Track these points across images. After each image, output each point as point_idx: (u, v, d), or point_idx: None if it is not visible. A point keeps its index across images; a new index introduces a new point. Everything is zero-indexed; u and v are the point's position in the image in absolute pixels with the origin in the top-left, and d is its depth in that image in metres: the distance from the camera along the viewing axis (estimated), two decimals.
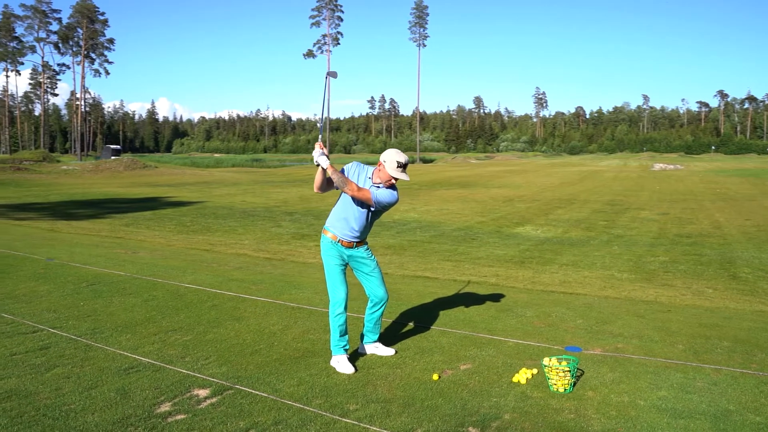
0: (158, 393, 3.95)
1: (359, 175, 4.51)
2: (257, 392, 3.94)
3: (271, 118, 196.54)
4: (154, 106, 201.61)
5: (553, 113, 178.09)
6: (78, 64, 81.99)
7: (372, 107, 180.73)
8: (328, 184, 4.51)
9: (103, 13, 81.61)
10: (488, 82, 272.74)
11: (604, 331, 5.36)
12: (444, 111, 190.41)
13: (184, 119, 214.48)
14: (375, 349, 4.79)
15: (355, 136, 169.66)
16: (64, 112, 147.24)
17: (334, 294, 4.48)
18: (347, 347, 4.55)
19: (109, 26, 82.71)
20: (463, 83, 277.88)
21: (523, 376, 4.16)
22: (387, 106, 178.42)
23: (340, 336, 4.49)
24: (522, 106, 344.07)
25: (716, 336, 5.23)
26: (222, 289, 6.99)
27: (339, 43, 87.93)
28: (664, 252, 12.10)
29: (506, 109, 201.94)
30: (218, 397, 3.89)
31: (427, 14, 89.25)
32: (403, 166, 4.41)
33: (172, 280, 7.50)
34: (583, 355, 4.67)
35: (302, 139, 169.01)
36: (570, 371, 3.98)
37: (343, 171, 4.48)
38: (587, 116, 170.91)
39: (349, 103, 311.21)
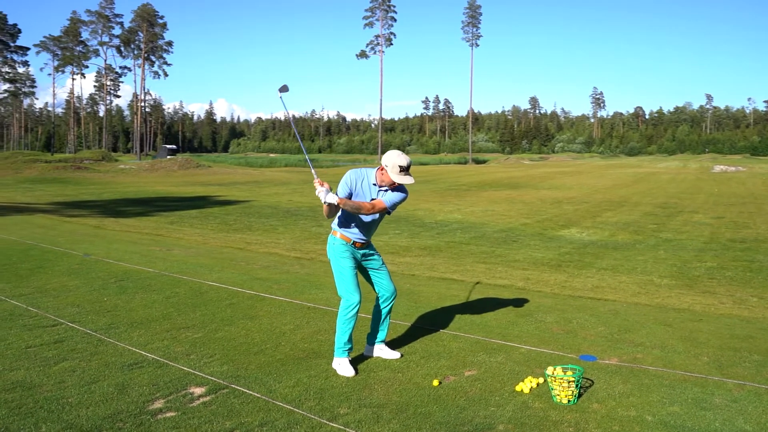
0: (155, 389, 3.97)
1: (363, 184, 4.38)
2: (251, 392, 3.91)
3: (325, 118, 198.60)
4: (212, 107, 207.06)
5: (611, 113, 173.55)
6: (139, 67, 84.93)
7: (426, 108, 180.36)
8: (337, 209, 4.40)
9: (162, 17, 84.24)
10: (544, 82, 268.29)
11: (625, 340, 5.10)
12: (499, 111, 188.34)
13: (241, 120, 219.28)
14: (380, 351, 4.69)
15: (409, 137, 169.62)
16: (126, 113, 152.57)
17: (350, 296, 4.37)
18: (351, 349, 4.46)
19: (167, 29, 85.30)
20: (519, 83, 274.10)
21: (527, 385, 3.99)
22: (441, 106, 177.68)
23: (348, 339, 4.41)
24: (579, 106, 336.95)
25: (747, 348, 4.90)
26: (243, 288, 7.02)
27: (392, 44, 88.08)
28: (712, 257, 11.53)
29: (562, 109, 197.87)
30: (212, 395, 3.87)
31: (480, 14, 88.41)
32: (405, 169, 4.27)
33: (197, 277, 7.59)
34: (597, 365, 4.45)
35: (356, 140, 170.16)
36: (575, 381, 3.78)
37: (348, 183, 4.33)
38: (647, 116, 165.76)
39: (404, 104, 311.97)
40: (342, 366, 4.33)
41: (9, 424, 3.46)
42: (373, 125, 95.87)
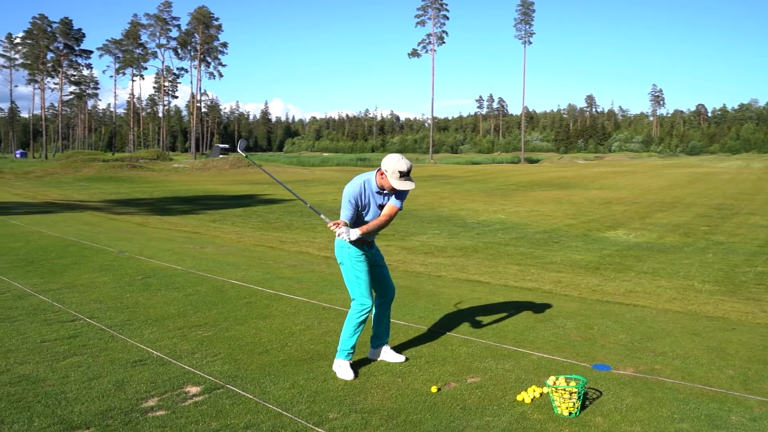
0: (152, 387, 3.98)
1: (366, 195, 4.26)
2: (244, 393, 3.87)
3: (379, 117, 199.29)
4: (267, 107, 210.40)
5: (670, 111, 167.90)
6: (195, 68, 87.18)
7: (480, 106, 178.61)
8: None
9: (217, 19, 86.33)
10: (601, 80, 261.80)
11: (646, 349, 4.83)
12: (554, 110, 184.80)
13: (296, 119, 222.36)
14: (385, 354, 4.59)
15: (462, 136, 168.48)
16: (185, 113, 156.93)
17: (364, 299, 4.28)
18: (353, 353, 4.37)
19: (222, 31, 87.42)
20: (575, 81, 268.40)
21: (529, 394, 3.81)
22: (495, 105, 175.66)
23: (354, 344, 4.32)
24: (637, 104, 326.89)
25: None
26: (264, 287, 7.03)
27: (444, 42, 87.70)
28: (765, 262, 10.92)
29: (620, 107, 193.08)
30: (206, 395, 3.85)
31: (533, 11, 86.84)
32: (406, 174, 4.14)
33: (221, 275, 7.65)
34: (610, 375, 4.22)
35: (409, 139, 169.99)
36: (577, 393, 3.58)
37: (353, 203, 4.20)
38: (709, 114, 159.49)
39: (458, 103, 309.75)
40: (342, 369, 4.24)
41: (5, 417, 3.53)
42: (426, 124, 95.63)
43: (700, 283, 8.76)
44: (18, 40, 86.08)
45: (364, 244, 4.38)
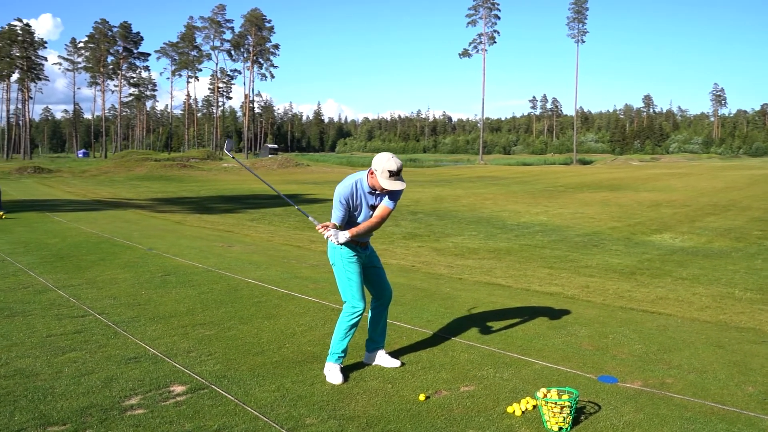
0: (138, 385, 3.96)
1: (358, 196, 4.13)
2: (227, 395, 3.80)
3: (431, 118, 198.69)
4: (320, 108, 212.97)
5: (733, 111, 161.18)
6: (248, 69, 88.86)
7: (533, 107, 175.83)
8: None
9: (269, 21, 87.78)
10: (659, 80, 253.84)
11: (661, 361, 4.53)
12: (610, 110, 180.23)
13: (349, 120, 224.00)
14: (380, 359, 4.45)
15: (515, 137, 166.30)
16: (239, 113, 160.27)
17: (357, 301, 4.18)
18: (345, 357, 4.25)
19: (274, 32, 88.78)
20: (632, 81, 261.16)
21: (521, 406, 3.60)
22: (549, 105, 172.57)
23: (345, 347, 4.20)
24: (697, 104, 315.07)
25: None
26: (279, 286, 6.99)
27: (495, 42, 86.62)
28: None
29: (679, 107, 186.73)
30: (189, 395, 3.80)
31: (587, 8, 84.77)
32: (395, 174, 3.99)
33: (240, 274, 7.65)
34: (615, 388, 3.96)
35: (461, 140, 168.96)
36: (570, 407, 3.35)
37: (343, 203, 4.08)
38: None
39: (511, 104, 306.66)
40: (331, 372, 4.13)
41: None
42: (479, 125, 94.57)
43: (741, 290, 8.26)
44: (81, 45, 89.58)
45: (357, 245, 4.25)
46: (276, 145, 68.81)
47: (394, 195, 4.16)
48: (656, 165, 72.49)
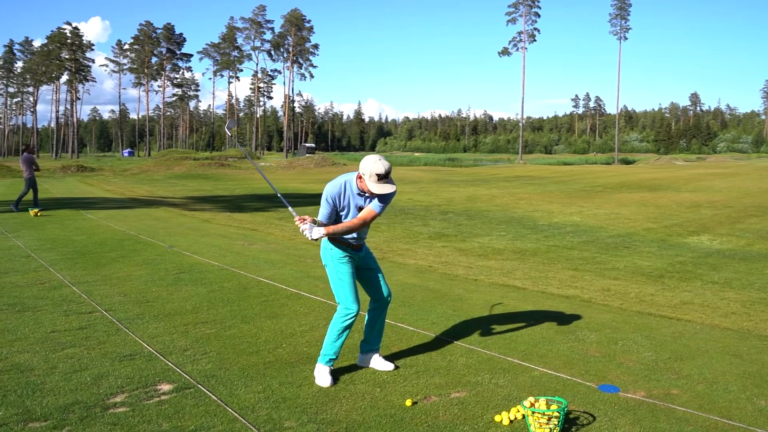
0: (127, 383, 3.95)
1: (346, 196, 4.04)
2: (211, 395, 3.75)
3: (472, 117, 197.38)
4: (360, 107, 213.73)
5: None
6: (288, 69, 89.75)
7: (576, 106, 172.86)
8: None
9: (309, 21, 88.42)
10: (707, 77, 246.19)
11: (670, 370, 4.30)
12: (655, 109, 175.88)
13: (389, 119, 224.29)
14: (374, 361, 4.34)
15: (557, 136, 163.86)
16: (280, 113, 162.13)
17: (350, 303, 4.09)
18: (336, 360, 4.16)
19: (314, 32, 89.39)
20: (678, 79, 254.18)
21: (511, 415, 3.45)
22: (592, 104, 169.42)
23: (337, 350, 4.12)
24: (747, 102, 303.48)
25: None
26: (289, 285, 6.95)
27: (535, 40, 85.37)
28: None
29: (728, 105, 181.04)
30: (174, 394, 3.77)
31: (630, 5, 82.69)
32: (384, 177, 3.88)
33: (253, 273, 7.65)
34: (615, 399, 3.77)
35: (502, 139, 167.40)
36: (557, 417, 3.19)
37: (330, 202, 4.03)
38: None
39: (553, 102, 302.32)
40: (320, 374, 4.04)
41: None
42: (521, 124, 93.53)
43: None
44: (126, 47, 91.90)
45: (349, 246, 4.16)
46: (313, 145, 69.38)
47: (384, 198, 4.05)
48: (701, 165, 70.34)
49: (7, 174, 37.68)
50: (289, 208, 4.33)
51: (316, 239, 3.96)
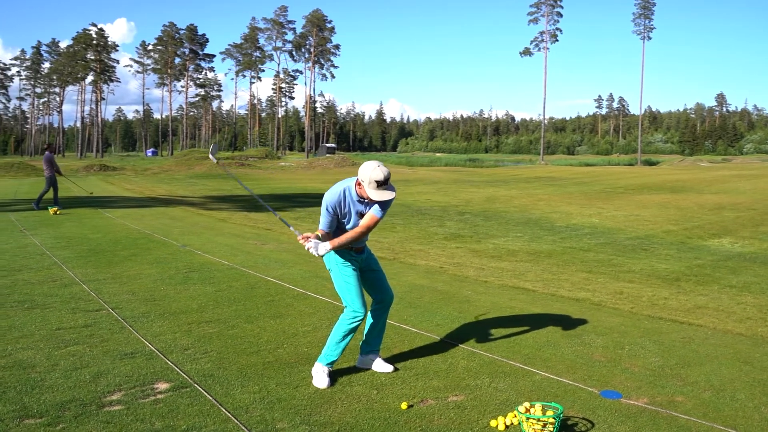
0: (125, 380, 3.97)
1: (346, 204, 4.00)
2: (207, 394, 3.75)
3: (494, 118, 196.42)
4: (382, 107, 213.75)
5: None
6: (309, 70, 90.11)
7: (599, 106, 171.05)
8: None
9: (330, 21, 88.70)
10: (733, 77, 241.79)
11: (677, 376, 4.19)
12: (680, 109, 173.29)
13: (411, 120, 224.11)
14: (374, 363, 4.30)
15: (579, 137, 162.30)
16: (302, 113, 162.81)
17: (357, 306, 4.07)
18: (336, 360, 4.13)
19: (335, 33, 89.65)
20: (703, 79, 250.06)
21: (507, 420, 3.38)
22: (615, 105, 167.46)
23: (340, 353, 4.10)
24: None
25: None
26: (296, 285, 6.94)
27: (557, 40, 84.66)
28: None
29: (755, 106, 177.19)
30: (170, 393, 3.78)
31: (654, 4, 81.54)
32: (383, 183, 3.84)
33: (262, 272, 7.66)
34: (616, 405, 3.68)
35: (524, 140, 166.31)
36: (553, 424, 3.12)
37: (330, 211, 3.97)
38: None
39: (576, 103, 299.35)
40: (318, 375, 4.02)
41: None
42: (542, 124, 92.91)
43: None
44: (150, 47, 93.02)
45: (351, 250, 4.13)
46: (334, 145, 69.62)
47: (384, 203, 4.02)
48: (726, 166, 69.12)
49: (32, 173, 38.35)
50: (291, 228, 4.34)
51: (322, 254, 3.92)
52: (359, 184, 3.92)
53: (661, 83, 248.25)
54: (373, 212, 4.00)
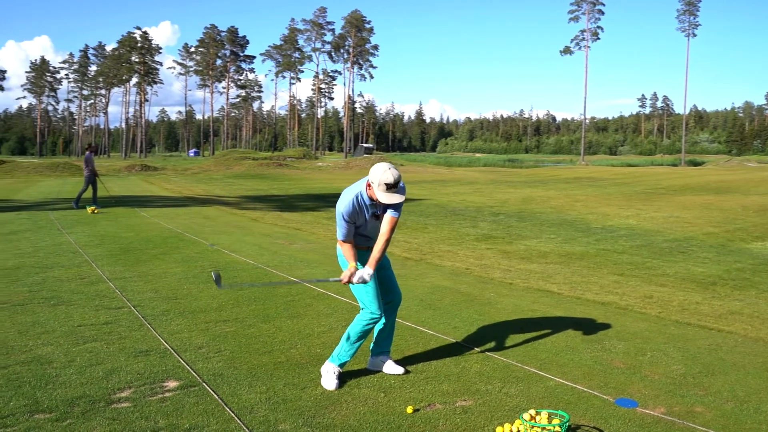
0: (136, 378, 4.01)
1: (361, 211, 3.95)
2: (213, 394, 3.76)
3: (534, 118, 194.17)
4: (421, 108, 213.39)
5: None
6: (348, 70, 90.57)
7: (642, 106, 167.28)
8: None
9: (369, 22, 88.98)
10: None
11: (698, 385, 4.02)
12: (728, 108, 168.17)
13: (451, 120, 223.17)
14: (385, 364, 4.25)
15: (622, 137, 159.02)
16: (342, 114, 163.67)
17: (377, 305, 4.05)
18: (348, 362, 4.10)
19: (374, 33, 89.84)
20: (752, 77, 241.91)
21: (514, 427, 3.28)
22: (659, 104, 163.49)
23: (353, 354, 4.07)
24: None
25: None
26: (317, 285, 6.92)
27: (598, 38, 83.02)
28: None
29: None
30: (178, 392, 3.80)
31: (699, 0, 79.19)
32: (393, 186, 3.79)
33: (286, 272, 7.68)
34: (630, 414, 3.55)
35: (565, 140, 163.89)
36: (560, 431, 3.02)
37: (348, 220, 3.92)
38: None
39: (618, 103, 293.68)
40: (327, 375, 3.99)
41: None
42: (583, 124, 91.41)
43: None
44: (192, 49, 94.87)
45: (368, 249, 4.09)
46: (371, 145, 69.76)
47: (399, 209, 3.99)
48: None
49: (76, 173, 39.47)
50: (331, 280, 4.31)
51: (372, 274, 3.93)
52: (369, 185, 3.88)
53: (708, 82, 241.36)
54: (391, 214, 3.98)
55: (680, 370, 4.33)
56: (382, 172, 3.79)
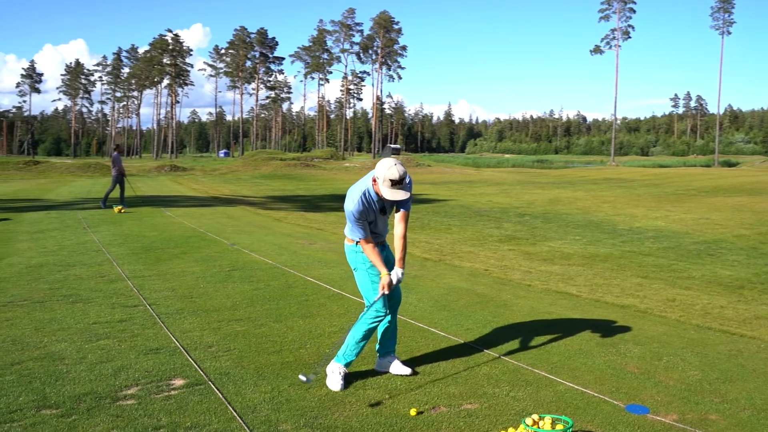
0: (144, 376, 4.04)
1: (371, 209, 3.94)
2: (218, 393, 3.76)
3: (564, 118, 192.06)
4: (450, 108, 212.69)
5: None
6: (376, 71, 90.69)
7: (675, 106, 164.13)
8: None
9: (397, 23, 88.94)
10: None
11: (715, 392, 3.89)
12: (764, 108, 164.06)
13: (480, 120, 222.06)
14: (392, 365, 4.21)
15: (654, 137, 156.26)
16: (370, 114, 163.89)
17: (383, 302, 4.03)
18: (354, 360, 4.08)
19: (402, 34, 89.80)
20: None
21: (516, 431, 3.21)
22: (693, 104, 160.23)
23: (359, 352, 4.05)
24: None
25: None
26: (333, 285, 6.93)
27: (629, 37, 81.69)
28: None
29: None
30: (183, 390, 3.82)
31: None
32: (397, 183, 3.75)
33: (303, 272, 7.69)
34: (641, 421, 3.45)
35: (595, 140, 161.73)
36: None
37: (360, 218, 3.91)
38: None
39: (651, 103, 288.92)
40: (333, 375, 3.97)
41: (3, 388, 3.76)
42: (614, 125, 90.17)
43: None
44: (222, 51, 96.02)
45: (377, 245, 4.06)
46: (399, 146, 69.76)
47: (408, 201, 3.96)
48: None
49: (107, 173, 40.24)
50: (377, 298, 4.16)
51: (403, 275, 4.03)
52: (375, 181, 3.84)
53: (744, 81, 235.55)
54: (403, 209, 4.00)
55: (696, 375, 4.20)
56: (387, 167, 3.75)
